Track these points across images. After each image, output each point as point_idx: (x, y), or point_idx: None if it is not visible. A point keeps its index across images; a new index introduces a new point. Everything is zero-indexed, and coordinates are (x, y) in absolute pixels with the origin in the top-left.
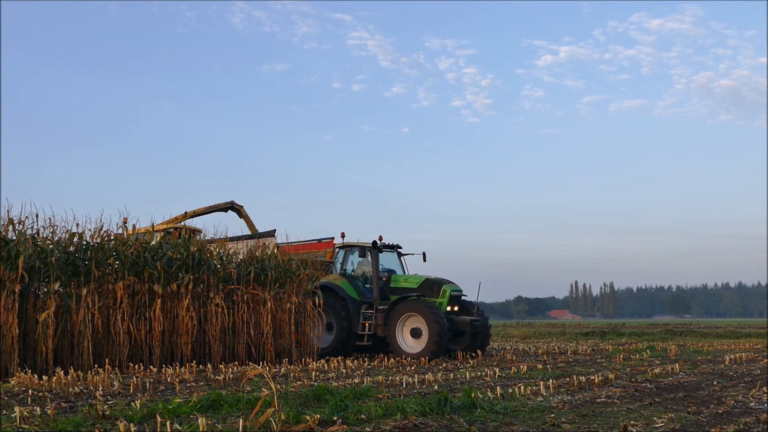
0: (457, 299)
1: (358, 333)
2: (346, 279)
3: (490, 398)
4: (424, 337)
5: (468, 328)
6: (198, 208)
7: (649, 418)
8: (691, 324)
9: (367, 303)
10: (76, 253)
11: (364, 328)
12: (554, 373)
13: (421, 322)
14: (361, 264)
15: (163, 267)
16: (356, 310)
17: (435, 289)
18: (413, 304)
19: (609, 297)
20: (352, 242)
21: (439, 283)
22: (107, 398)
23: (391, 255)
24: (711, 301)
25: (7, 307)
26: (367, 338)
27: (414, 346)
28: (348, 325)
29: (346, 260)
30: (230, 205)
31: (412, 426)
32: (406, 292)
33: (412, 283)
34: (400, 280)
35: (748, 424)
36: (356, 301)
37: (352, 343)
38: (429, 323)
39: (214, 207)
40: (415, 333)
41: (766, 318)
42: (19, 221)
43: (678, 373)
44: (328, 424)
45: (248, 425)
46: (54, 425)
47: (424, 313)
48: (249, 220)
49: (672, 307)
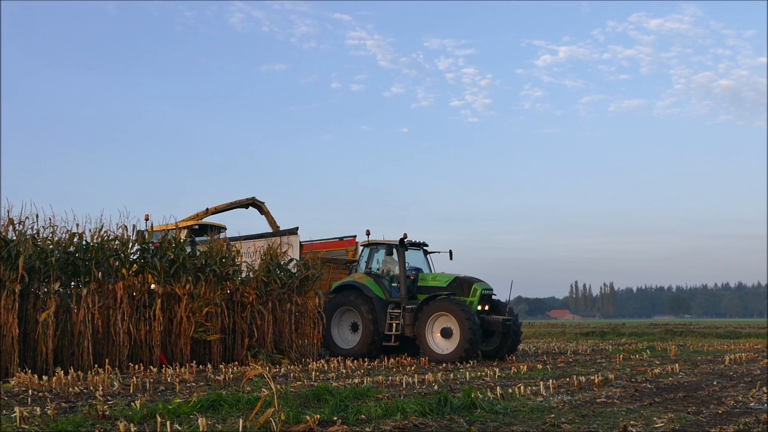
0: (488, 298)
1: (385, 333)
2: (372, 278)
3: (490, 398)
4: (456, 337)
5: (500, 328)
6: (219, 205)
7: (649, 418)
8: (691, 324)
9: (393, 302)
10: (76, 253)
11: (391, 328)
12: (554, 373)
13: (452, 322)
14: (386, 262)
15: (163, 267)
16: (383, 309)
17: (465, 288)
18: (444, 303)
19: (609, 297)
20: (378, 240)
21: (469, 282)
22: (107, 398)
23: (416, 253)
24: (711, 302)
25: (7, 307)
26: (394, 338)
27: (445, 346)
28: (375, 325)
29: (372, 258)
30: (251, 201)
31: (412, 426)
32: (434, 291)
33: (440, 282)
34: (428, 279)
35: (748, 425)
36: (383, 300)
37: (379, 344)
38: (461, 323)
39: (235, 203)
40: (445, 333)
41: (766, 318)
42: (19, 221)
43: (678, 373)
44: (328, 424)
45: (248, 425)
46: (54, 425)
47: (456, 313)
48: (270, 216)
49: (672, 307)
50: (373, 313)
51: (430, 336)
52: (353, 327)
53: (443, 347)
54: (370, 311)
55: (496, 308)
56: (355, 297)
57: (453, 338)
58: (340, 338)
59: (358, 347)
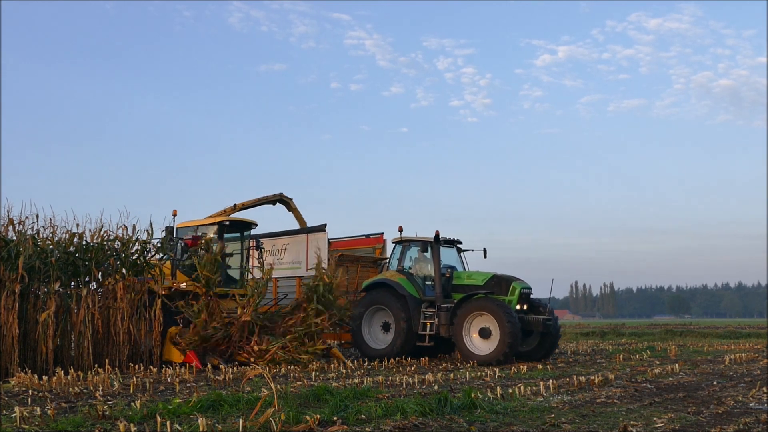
0: (526, 297)
1: (419, 333)
2: (405, 275)
3: (490, 398)
4: (495, 337)
5: (541, 329)
6: (247, 201)
7: (649, 418)
8: (691, 324)
9: (427, 301)
10: (76, 253)
11: (425, 327)
12: (554, 373)
13: (490, 322)
14: (418, 260)
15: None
16: (416, 308)
17: (503, 286)
18: (482, 303)
19: (609, 297)
20: (411, 237)
21: (507, 280)
22: (107, 398)
23: (450, 251)
24: (711, 302)
25: (7, 307)
26: (428, 338)
27: (483, 347)
28: (408, 325)
29: (404, 256)
30: (279, 197)
31: (412, 426)
32: (470, 289)
33: (476, 280)
34: (464, 277)
35: (748, 425)
36: (416, 299)
37: (413, 344)
38: (500, 323)
39: (263, 199)
40: (484, 333)
41: (766, 318)
42: (19, 221)
43: (678, 373)
44: (328, 424)
45: (248, 425)
46: (54, 425)
47: (495, 312)
48: (298, 213)
49: (672, 308)
50: (406, 312)
51: (467, 336)
52: (385, 327)
53: (481, 348)
54: (403, 310)
55: (534, 308)
56: (388, 295)
57: (492, 339)
58: (371, 338)
59: (390, 347)
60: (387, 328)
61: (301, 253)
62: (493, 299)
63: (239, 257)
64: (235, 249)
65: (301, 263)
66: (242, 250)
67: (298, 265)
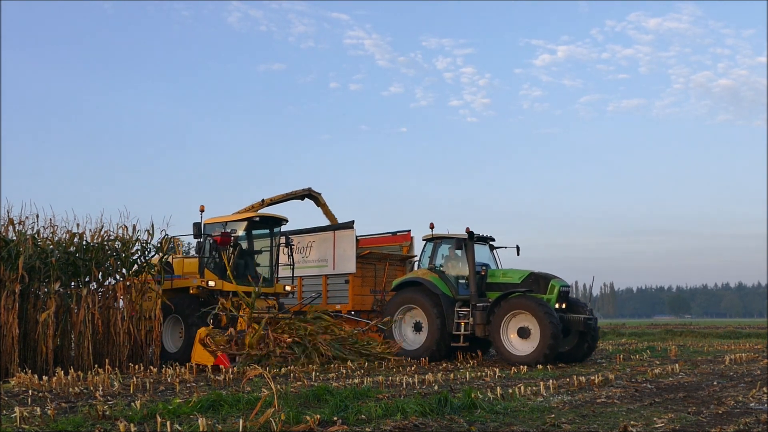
0: (565, 296)
1: (452, 333)
2: (437, 274)
3: (490, 398)
4: (534, 337)
5: (582, 328)
6: (274, 196)
7: (649, 418)
8: (691, 324)
9: (461, 300)
10: (76, 254)
11: (459, 327)
12: (554, 373)
13: (530, 321)
14: (449, 257)
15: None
16: (450, 308)
17: (542, 284)
18: (521, 301)
19: (609, 297)
20: (443, 234)
21: (546, 278)
22: (107, 398)
23: (482, 248)
24: (711, 302)
25: (7, 307)
26: (463, 338)
27: (522, 348)
28: (442, 325)
29: (436, 254)
30: (307, 192)
31: (412, 426)
32: (506, 288)
33: (513, 278)
34: (499, 275)
35: (748, 425)
36: (450, 298)
37: (447, 344)
38: (541, 322)
39: (291, 194)
40: (522, 333)
41: (766, 318)
42: (19, 221)
43: (678, 373)
44: (328, 424)
45: (248, 425)
46: (54, 425)
47: (535, 311)
48: (327, 209)
49: (672, 307)
50: (440, 311)
51: (505, 336)
52: (416, 327)
53: (520, 349)
54: (437, 309)
55: (572, 306)
56: (420, 294)
57: (531, 339)
58: (402, 339)
59: (423, 348)
60: (419, 328)
61: (327, 251)
62: (532, 297)
63: (269, 255)
64: (264, 246)
65: (328, 261)
66: (272, 247)
67: (325, 264)
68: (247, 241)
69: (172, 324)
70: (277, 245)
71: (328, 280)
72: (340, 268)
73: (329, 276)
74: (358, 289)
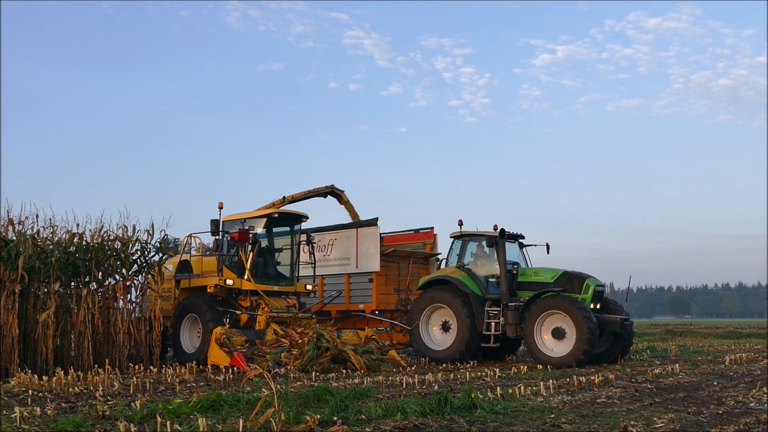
0: (600, 295)
1: (482, 333)
2: (466, 272)
3: (490, 398)
4: (570, 339)
5: (618, 329)
6: (296, 193)
7: (650, 418)
8: (691, 324)
9: (491, 299)
10: (76, 254)
11: (489, 327)
12: (554, 373)
13: (565, 322)
14: (478, 255)
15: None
16: (480, 307)
17: (576, 284)
18: (556, 301)
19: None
20: (472, 231)
21: (580, 277)
22: (107, 398)
23: (512, 246)
24: (711, 302)
25: (7, 308)
26: (493, 339)
27: (556, 349)
28: (472, 325)
29: (464, 251)
30: (330, 189)
31: (412, 426)
32: (538, 287)
33: (545, 277)
34: (530, 274)
35: (748, 425)
36: (479, 297)
37: (477, 345)
38: (577, 323)
39: (313, 191)
40: (557, 334)
41: (766, 318)
42: (19, 221)
43: (678, 373)
44: (329, 424)
45: (248, 425)
46: (54, 425)
47: (571, 311)
48: (351, 206)
49: (672, 308)
50: (470, 311)
51: (539, 337)
52: (444, 327)
53: (555, 350)
54: (466, 309)
55: (607, 306)
56: (448, 293)
57: (566, 340)
58: (429, 339)
59: (451, 349)
60: (446, 328)
61: (350, 249)
62: (567, 297)
63: (289, 252)
64: (284, 244)
65: (351, 260)
66: (292, 245)
67: (347, 262)
68: (267, 239)
69: (189, 324)
70: (297, 243)
71: (351, 278)
72: (363, 266)
73: (352, 275)
74: (382, 288)
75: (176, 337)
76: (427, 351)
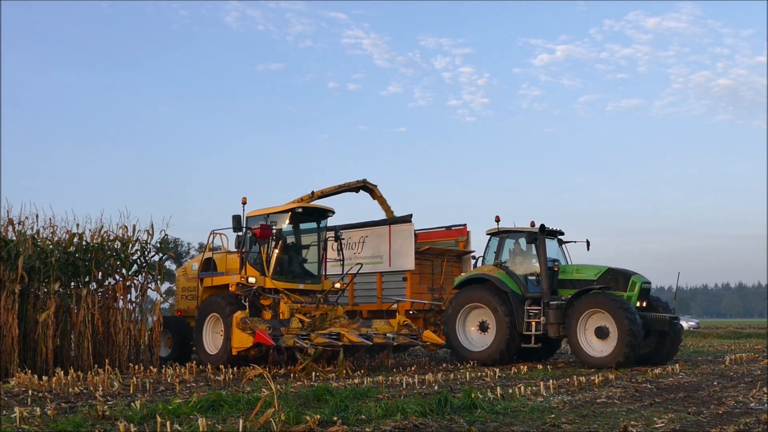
0: (646, 293)
1: (522, 333)
2: (503, 270)
3: (490, 398)
4: (613, 338)
5: (666, 328)
6: (326, 188)
7: (650, 418)
8: None
9: (531, 298)
10: (76, 254)
11: (529, 327)
12: (554, 373)
13: (608, 321)
14: (515, 253)
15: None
16: (519, 306)
17: (621, 281)
18: (599, 299)
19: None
20: (510, 227)
21: (626, 274)
22: (107, 399)
23: (551, 243)
24: (711, 302)
25: (7, 308)
26: (534, 339)
27: (600, 349)
28: (512, 325)
29: (502, 249)
30: (362, 184)
31: (412, 426)
32: (580, 285)
33: (588, 274)
34: (572, 271)
35: (748, 425)
36: (519, 295)
37: (518, 345)
38: (619, 322)
39: (344, 186)
40: (600, 333)
41: (767, 318)
42: (19, 221)
43: (678, 373)
44: (329, 424)
45: (248, 425)
46: (54, 426)
47: (613, 310)
48: (384, 202)
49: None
50: (509, 310)
51: (582, 336)
52: (481, 327)
53: (598, 350)
54: (506, 308)
55: (652, 305)
56: (486, 292)
57: (609, 340)
58: (467, 340)
59: (491, 349)
60: (484, 328)
61: (382, 247)
62: (610, 295)
63: (315, 249)
64: (312, 240)
65: (383, 258)
66: (319, 241)
67: (379, 260)
68: (294, 235)
69: (212, 324)
70: (324, 239)
71: (383, 277)
72: (396, 264)
73: (384, 273)
74: (416, 286)
75: (198, 338)
76: (465, 352)
